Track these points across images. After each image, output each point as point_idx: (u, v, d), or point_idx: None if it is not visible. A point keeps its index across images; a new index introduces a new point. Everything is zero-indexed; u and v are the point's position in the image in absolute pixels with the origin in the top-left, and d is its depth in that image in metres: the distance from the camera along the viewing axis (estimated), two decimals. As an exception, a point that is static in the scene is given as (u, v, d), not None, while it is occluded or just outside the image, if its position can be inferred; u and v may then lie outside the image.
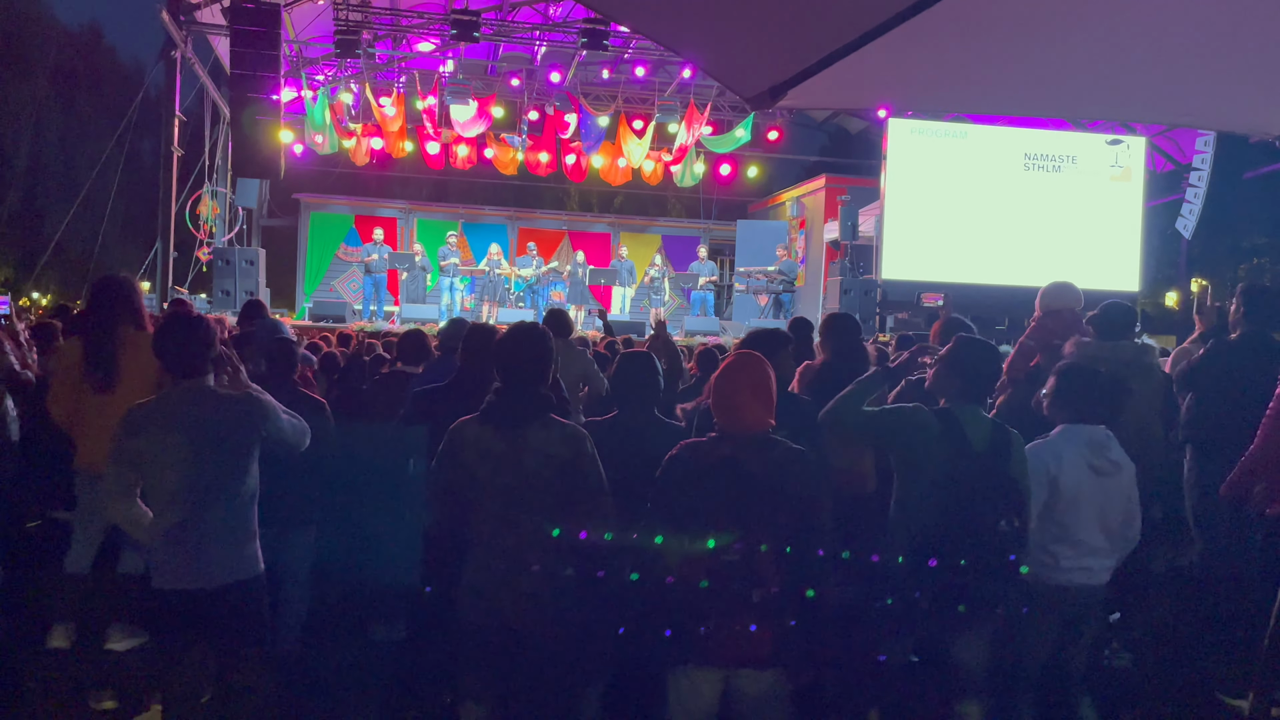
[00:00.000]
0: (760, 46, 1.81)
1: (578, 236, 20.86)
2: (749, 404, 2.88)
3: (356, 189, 21.34)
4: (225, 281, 13.07)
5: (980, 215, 14.92)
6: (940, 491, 3.12)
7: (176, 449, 3.06)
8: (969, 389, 3.29)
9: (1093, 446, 3.37)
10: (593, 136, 18.24)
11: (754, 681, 2.83)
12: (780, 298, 15.37)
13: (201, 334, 3.16)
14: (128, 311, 4.27)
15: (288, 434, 3.32)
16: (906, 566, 3.20)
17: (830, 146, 23.36)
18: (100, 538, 4.35)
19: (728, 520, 2.77)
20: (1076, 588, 3.39)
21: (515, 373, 3.07)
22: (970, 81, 2.24)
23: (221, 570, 3.12)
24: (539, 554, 2.99)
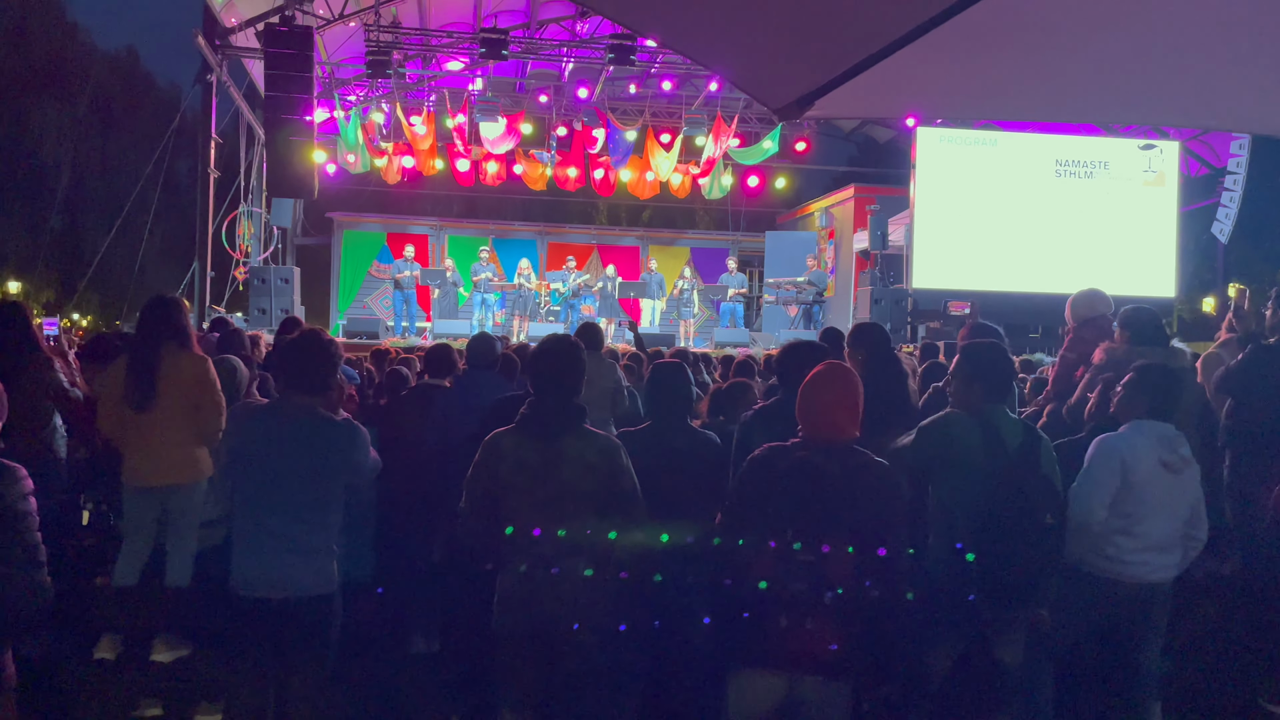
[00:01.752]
0: (786, 57, 1.83)
1: (607, 250, 20.96)
2: (839, 415, 2.90)
3: (388, 207, 21.61)
4: (261, 300, 13.26)
5: (1012, 222, 14.82)
6: (981, 492, 3.18)
7: (271, 458, 3.15)
8: (993, 390, 3.35)
9: (1164, 442, 3.41)
10: (621, 151, 18.34)
11: (817, 690, 2.82)
12: (811, 309, 15.33)
13: (329, 357, 3.26)
14: (171, 331, 4.37)
15: (367, 469, 3.38)
16: (955, 568, 3.24)
17: (858, 156, 23.32)
18: (147, 551, 4.42)
19: (806, 523, 2.78)
20: (1137, 582, 3.40)
21: (549, 384, 3.11)
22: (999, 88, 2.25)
23: (299, 583, 3.16)
24: (576, 561, 3.02)
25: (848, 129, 21.60)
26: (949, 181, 14.89)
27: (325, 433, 3.22)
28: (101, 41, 30.93)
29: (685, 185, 19.33)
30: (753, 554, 2.81)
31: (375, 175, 18.32)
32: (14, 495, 2.46)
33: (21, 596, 2.46)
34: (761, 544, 2.79)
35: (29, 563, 2.48)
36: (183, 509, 4.35)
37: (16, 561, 2.45)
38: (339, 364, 3.38)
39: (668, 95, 18.09)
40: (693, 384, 3.83)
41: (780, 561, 2.76)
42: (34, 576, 2.49)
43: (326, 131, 16.68)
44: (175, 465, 4.29)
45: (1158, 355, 4.55)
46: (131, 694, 4.21)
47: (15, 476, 2.48)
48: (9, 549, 2.44)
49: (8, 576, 2.44)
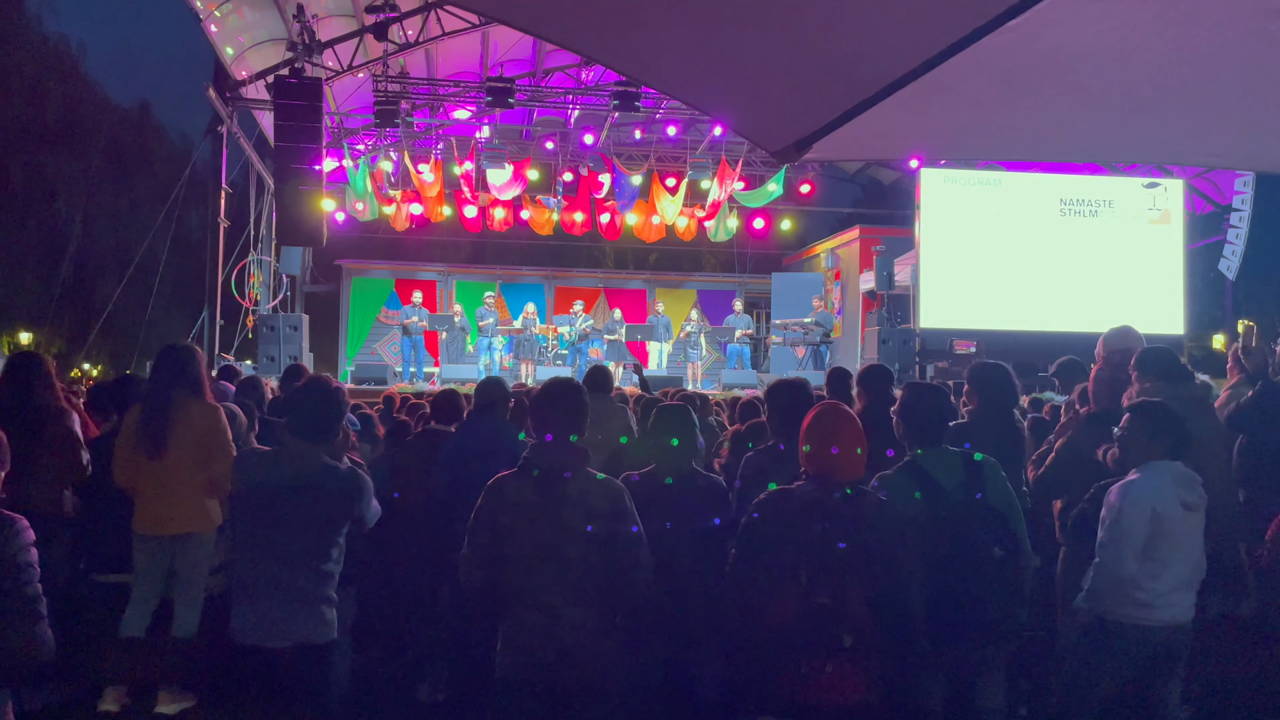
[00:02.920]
0: (784, 101, 1.85)
1: (614, 294, 21.04)
2: (842, 454, 2.90)
3: (396, 254, 21.76)
4: (270, 347, 13.32)
5: (1018, 262, 14.85)
6: (927, 537, 3.17)
7: (272, 505, 3.14)
8: (925, 433, 3.38)
9: (1183, 483, 3.39)
10: (627, 195, 18.49)
11: None
12: (819, 349, 15.33)
13: (335, 405, 3.28)
14: (184, 379, 4.38)
15: (368, 518, 3.37)
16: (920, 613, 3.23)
17: (863, 198, 23.43)
18: (156, 601, 4.40)
19: (819, 565, 2.76)
20: (1168, 625, 3.37)
21: (551, 426, 3.11)
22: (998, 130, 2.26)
23: (297, 632, 3.14)
24: (580, 608, 2.99)
25: (852, 170, 21.76)
26: (954, 221, 14.95)
27: (328, 480, 3.21)
28: (115, 96, 31.46)
29: (691, 228, 19.45)
30: (766, 599, 2.78)
31: (384, 223, 18.49)
32: (15, 547, 2.45)
33: (22, 648, 2.44)
34: (774, 588, 2.76)
35: (29, 614, 2.46)
36: (192, 559, 4.34)
37: (17, 613, 2.43)
38: (345, 411, 3.39)
39: (672, 140, 18.28)
40: (697, 426, 3.82)
41: (795, 606, 2.73)
42: (34, 628, 2.47)
43: (335, 180, 16.88)
44: (187, 514, 4.29)
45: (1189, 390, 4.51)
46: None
47: (16, 529, 2.47)
48: (9, 600, 2.42)
49: (8, 628, 2.42)
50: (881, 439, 4.42)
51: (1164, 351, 4.49)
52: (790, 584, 2.75)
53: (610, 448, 5.50)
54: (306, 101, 12.53)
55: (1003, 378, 4.31)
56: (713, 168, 18.05)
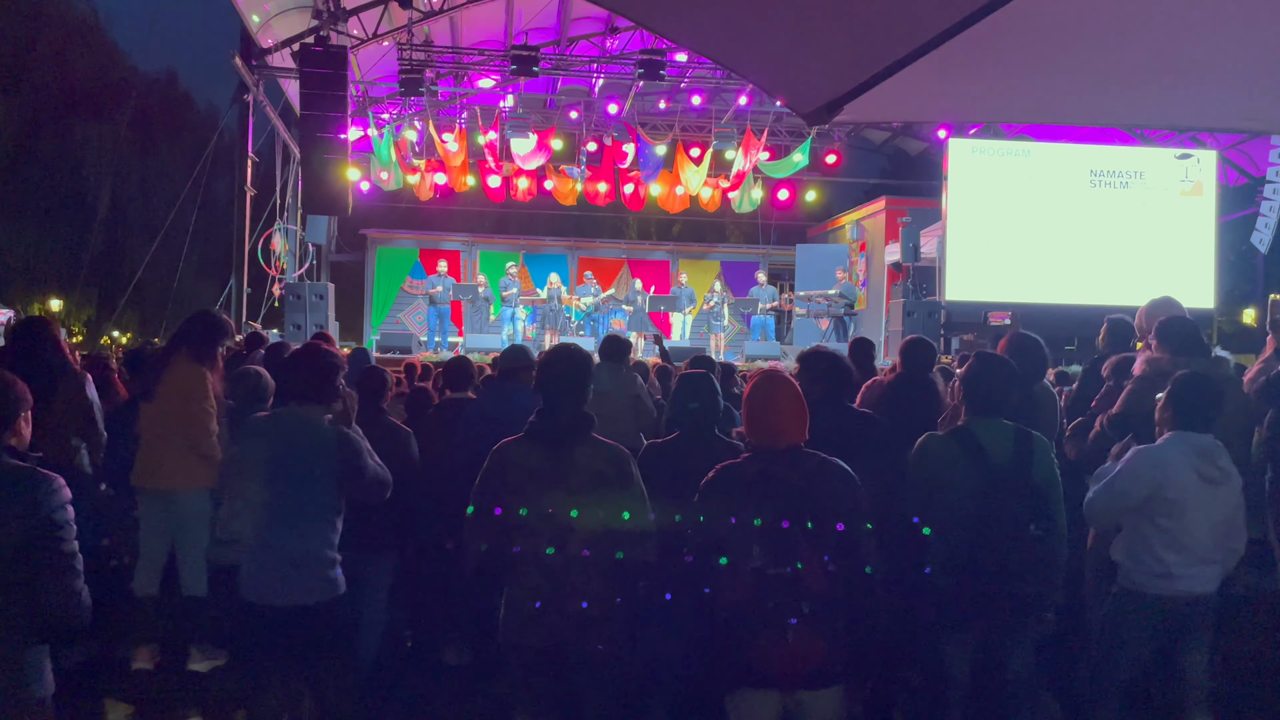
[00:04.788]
0: (816, 61, 1.82)
1: (637, 265, 21.00)
2: (781, 420, 2.90)
3: (421, 223, 21.81)
4: (296, 316, 13.40)
5: (1046, 234, 14.67)
6: (966, 506, 3.23)
7: (267, 464, 3.25)
8: (984, 401, 3.39)
9: (1202, 454, 3.35)
10: (651, 165, 18.39)
11: (813, 701, 2.81)
12: (843, 321, 15.25)
13: (325, 367, 3.37)
14: (190, 340, 4.54)
15: (367, 478, 3.42)
16: (946, 580, 3.29)
17: (889, 169, 23.21)
18: (163, 559, 4.48)
19: (768, 536, 2.77)
20: (1185, 596, 3.36)
21: (558, 392, 3.13)
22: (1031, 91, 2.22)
23: (301, 590, 3.23)
24: (584, 573, 3.02)
25: (878, 141, 21.53)
26: (981, 193, 14.77)
27: (317, 441, 3.29)
28: (141, 63, 31.62)
29: (715, 199, 19.34)
30: (724, 575, 2.80)
31: (408, 192, 18.51)
32: (52, 505, 2.50)
33: (61, 605, 2.50)
34: (729, 564, 2.79)
35: (67, 571, 2.51)
36: (185, 517, 4.42)
37: (55, 570, 2.49)
38: (337, 374, 3.41)
39: (697, 110, 18.13)
40: (720, 394, 3.82)
41: (751, 580, 2.75)
42: (72, 585, 2.52)
43: (360, 149, 16.88)
44: (173, 469, 4.40)
45: (1200, 365, 4.47)
46: (170, 703, 4.26)
47: (53, 487, 2.52)
48: (48, 558, 2.48)
49: (47, 585, 2.47)
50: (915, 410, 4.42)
51: (1186, 323, 4.45)
52: (743, 558, 2.77)
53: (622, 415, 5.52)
54: (331, 70, 12.51)
55: (1034, 348, 4.28)
56: (738, 138, 17.89)
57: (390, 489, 3.56)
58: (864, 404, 4.66)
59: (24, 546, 2.43)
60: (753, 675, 2.81)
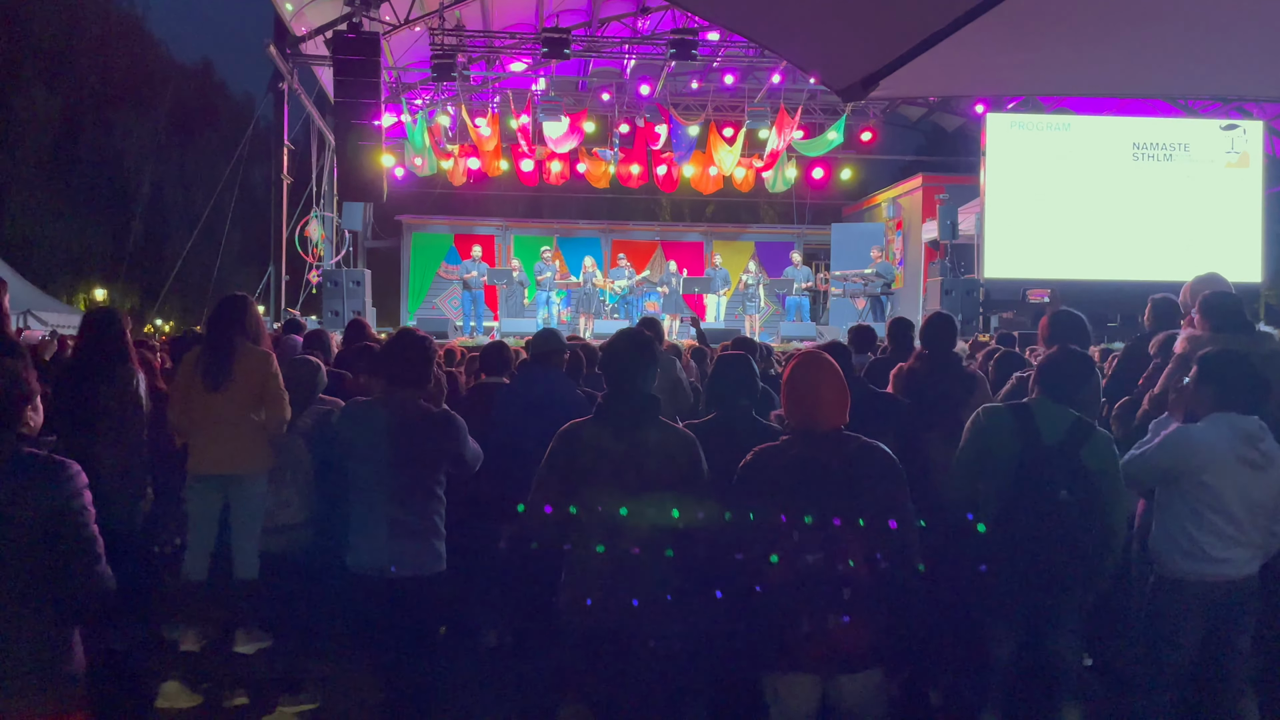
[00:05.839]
0: (851, 37, 1.79)
1: (671, 246, 20.95)
2: (822, 402, 2.88)
3: (454, 209, 21.92)
4: (334, 302, 13.55)
5: (1087, 209, 14.42)
6: (1009, 478, 3.27)
7: (379, 449, 3.47)
8: (1051, 385, 3.42)
9: (1245, 438, 3.27)
10: (684, 146, 18.30)
11: (852, 684, 2.80)
12: (880, 300, 15.12)
13: (424, 352, 3.60)
14: (242, 326, 4.52)
15: (469, 456, 3.68)
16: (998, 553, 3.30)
17: (926, 145, 22.92)
18: (211, 544, 4.54)
19: (807, 520, 2.76)
20: (1224, 581, 3.30)
21: (627, 376, 3.13)
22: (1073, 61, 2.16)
23: (412, 562, 3.46)
24: (651, 555, 3.02)
25: (914, 117, 21.24)
26: (1021, 168, 14.54)
27: (425, 423, 3.53)
28: (178, 54, 32.06)
29: (749, 179, 19.21)
30: (761, 561, 2.79)
31: (442, 178, 18.59)
32: (69, 491, 2.55)
33: (84, 586, 2.57)
34: (768, 550, 2.78)
35: (86, 554, 2.58)
36: (246, 500, 4.46)
37: (76, 554, 2.55)
38: (433, 359, 3.67)
39: (730, 89, 17.98)
40: (758, 375, 3.80)
41: (790, 565, 2.74)
42: (92, 567, 2.59)
43: (394, 135, 16.97)
44: (237, 454, 4.40)
45: (1238, 342, 4.37)
46: (218, 685, 4.34)
47: (69, 473, 2.58)
48: (67, 542, 2.54)
49: (69, 568, 2.54)
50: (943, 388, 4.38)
51: (1229, 298, 4.36)
52: (784, 544, 2.75)
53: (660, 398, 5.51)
54: (365, 56, 12.56)
55: (1077, 325, 4.21)
56: (771, 117, 17.73)
57: (480, 463, 3.78)
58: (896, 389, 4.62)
59: (45, 532, 2.49)
60: (792, 658, 2.80)
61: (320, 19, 14.32)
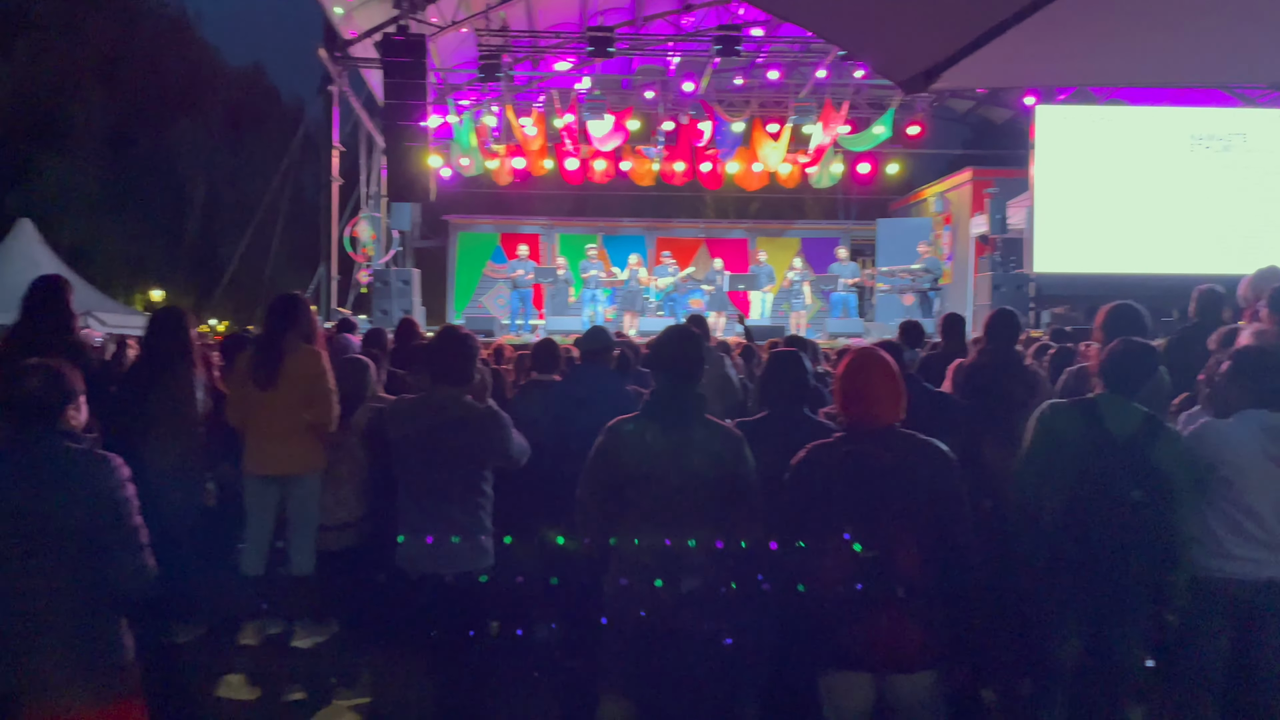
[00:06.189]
0: (914, 29, 1.77)
1: (715, 243, 20.88)
2: (877, 399, 2.87)
3: (500, 208, 22.05)
4: (384, 301, 13.72)
5: (1141, 201, 14.10)
6: (1076, 476, 3.19)
7: (425, 446, 3.52)
8: (1116, 379, 3.34)
9: (1273, 435, 3.19)
10: (728, 143, 18.24)
11: (907, 685, 2.78)
12: (927, 296, 14.94)
13: (467, 349, 3.66)
14: (294, 325, 4.56)
15: (514, 452, 3.71)
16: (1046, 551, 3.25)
17: (974, 138, 22.53)
18: (268, 540, 4.62)
19: (862, 518, 2.74)
20: (1249, 582, 3.22)
21: (674, 373, 3.14)
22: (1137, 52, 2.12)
23: (461, 560, 3.51)
24: (696, 553, 3.02)
25: (962, 110, 20.94)
26: (1071, 160, 14.26)
27: (468, 420, 3.56)
28: (231, 59, 32.62)
29: (794, 175, 19.07)
30: (814, 558, 2.78)
31: (487, 177, 18.72)
32: (113, 484, 2.65)
33: (128, 575, 2.67)
34: (820, 546, 2.76)
35: (131, 544, 2.67)
36: (300, 500, 4.52)
37: (121, 544, 2.65)
38: (476, 356, 3.69)
39: (774, 85, 17.86)
40: (810, 373, 3.78)
41: (843, 563, 2.72)
42: (136, 557, 2.68)
43: (441, 136, 17.13)
44: (290, 454, 4.45)
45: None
46: (276, 679, 4.42)
47: (112, 466, 2.68)
48: (112, 533, 2.64)
49: (115, 558, 2.64)
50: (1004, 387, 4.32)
51: None
52: (836, 540, 2.74)
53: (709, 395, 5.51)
54: (412, 58, 12.70)
55: (1136, 319, 4.13)
56: (817, 112, 17.57)
57: (528, 457, 3.81)
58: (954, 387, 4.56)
59: (88, 523, 2.59)
60: (846, 657, 2.79)
61: (369, 22, 14.50)
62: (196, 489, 4.76)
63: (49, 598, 2.56)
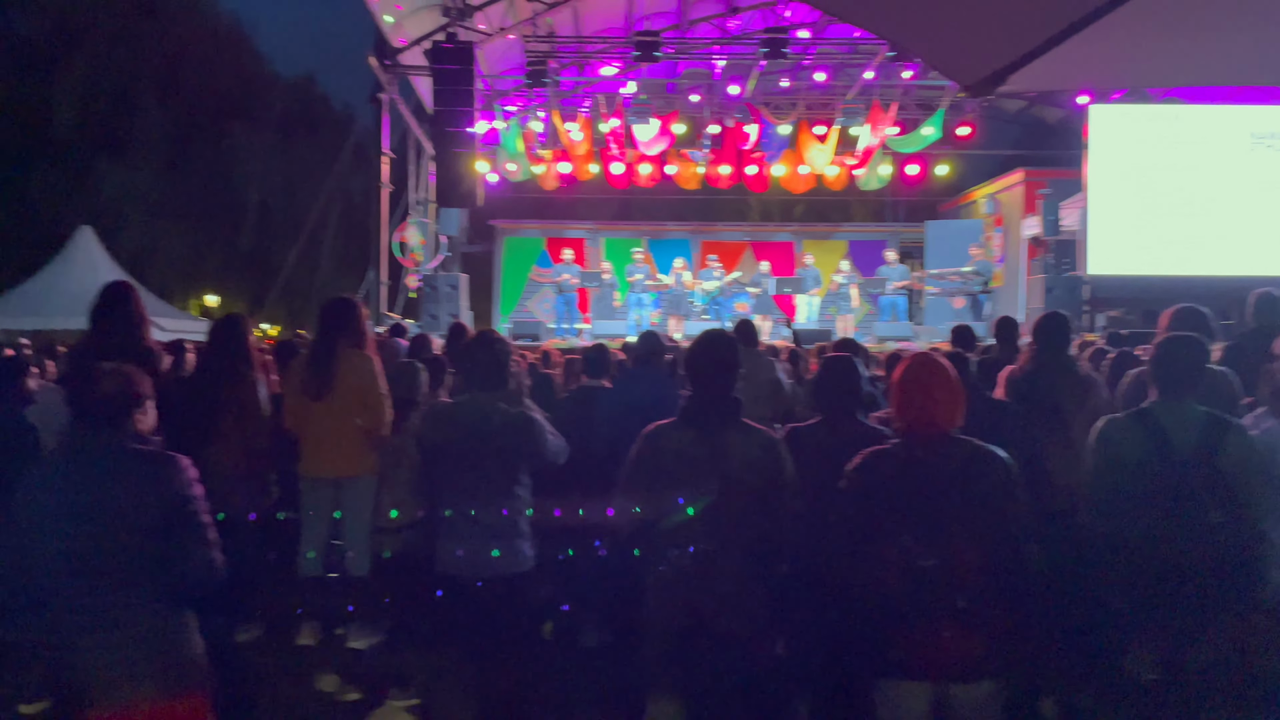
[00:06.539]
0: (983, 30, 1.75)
1: (760, 246, 20.78)
2: (935, 405, 2.82)
3: (546, 212, 22.16)
4: (432, 306, 13.88)
5: (1199, 201, 13.78)
6: (1147, 494, 3.05)
7: (460, 448, 3.53)
8: (1167, 382, 3.19)
9: None
10: (774, 146, 18.16)
11: (965, 695, 2.74)
12: (978, 299, 14.73)
13: (500, 354, 3.65)
14: (346, 330, 4.61)
15: (549, 453, 3.68)
16: (1119, 574, 3.12)
17: (1025, 138, 22.14)
18: (324, 541, 4.68)
19: (921, 526, 2.70)
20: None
21: (709, 378, 3.14)
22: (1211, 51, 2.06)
23: (497, 563, 3.49)
24: (735, 556, 3.03)
25: (1013, 110, 20.63)
26: (1127, 160, 13.98)
27: (502, 425, 3.54)
28: (283, 69, 33.28)
29: (841, 177, 18.93)
30: (870, 566, 2.74)
31: (533, 182, 18.83)
32: (182, 483, 2.73)
33: (200, 572, 2.74)
34: (877, 554, 2.72)
35: (200, 541, 2.75)
36: (355, 502, 4.57)
37: (191, 540, 2.73)
38: (509, 361, 3.68)
39: (821, 86, 17.75)
40: (864, 378, 3.75)
41: (901, 570, 2.68)
42: (208, 554, 2.76)
43: (488, 142, 17.28)
44: (345, 458, 4.52)
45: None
46: (332, 679, 4.48)
47: (179, 466, 2.76)
48: (183, 531, 2.72)
49: (185, 554, 2.72)
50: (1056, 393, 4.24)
51: None
52: (894, 547, 2.70)
53: (760, 399, 5.49)
54: (461, 66, 12.84)
55: (1199, 320, 4.03)
56: (864, 113, 17.43)
57: (567, 455, 3.78)
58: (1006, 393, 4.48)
59: (158, 521, 2.66)
60: (903, 666, 2.76)
61: (418, 30, 14.68)
62: (261, 491, 4.84)
63: (119, 594, 2.63)
